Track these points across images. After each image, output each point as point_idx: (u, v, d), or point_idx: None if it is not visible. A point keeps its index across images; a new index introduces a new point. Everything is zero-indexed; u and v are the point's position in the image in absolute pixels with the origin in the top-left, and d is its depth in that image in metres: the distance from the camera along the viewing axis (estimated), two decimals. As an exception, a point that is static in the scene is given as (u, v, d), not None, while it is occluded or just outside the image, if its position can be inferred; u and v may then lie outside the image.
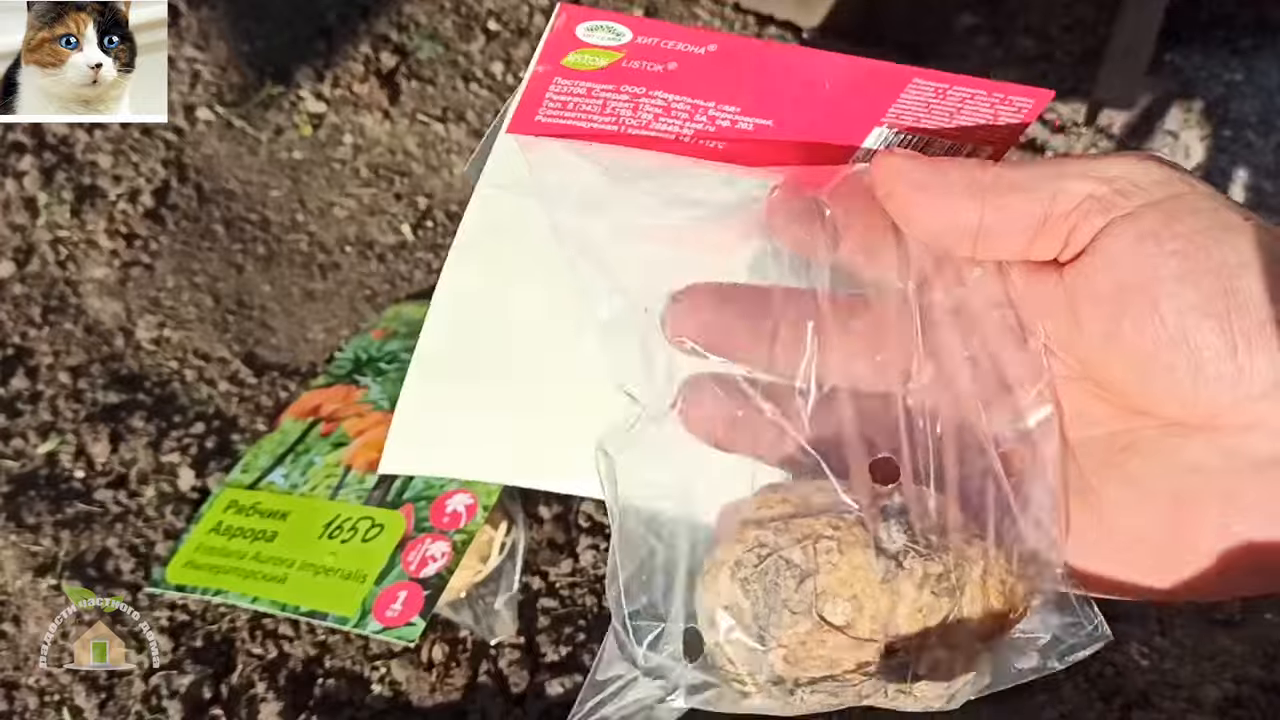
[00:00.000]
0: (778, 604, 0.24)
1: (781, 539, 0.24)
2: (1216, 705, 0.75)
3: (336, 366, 0.92)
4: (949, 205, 0.25)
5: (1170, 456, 0.25)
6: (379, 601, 0.67)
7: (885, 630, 0.24)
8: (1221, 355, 0.23)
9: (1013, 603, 0.25)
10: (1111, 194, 0.24)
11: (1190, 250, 0.23)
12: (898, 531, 0.24)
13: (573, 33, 0.25)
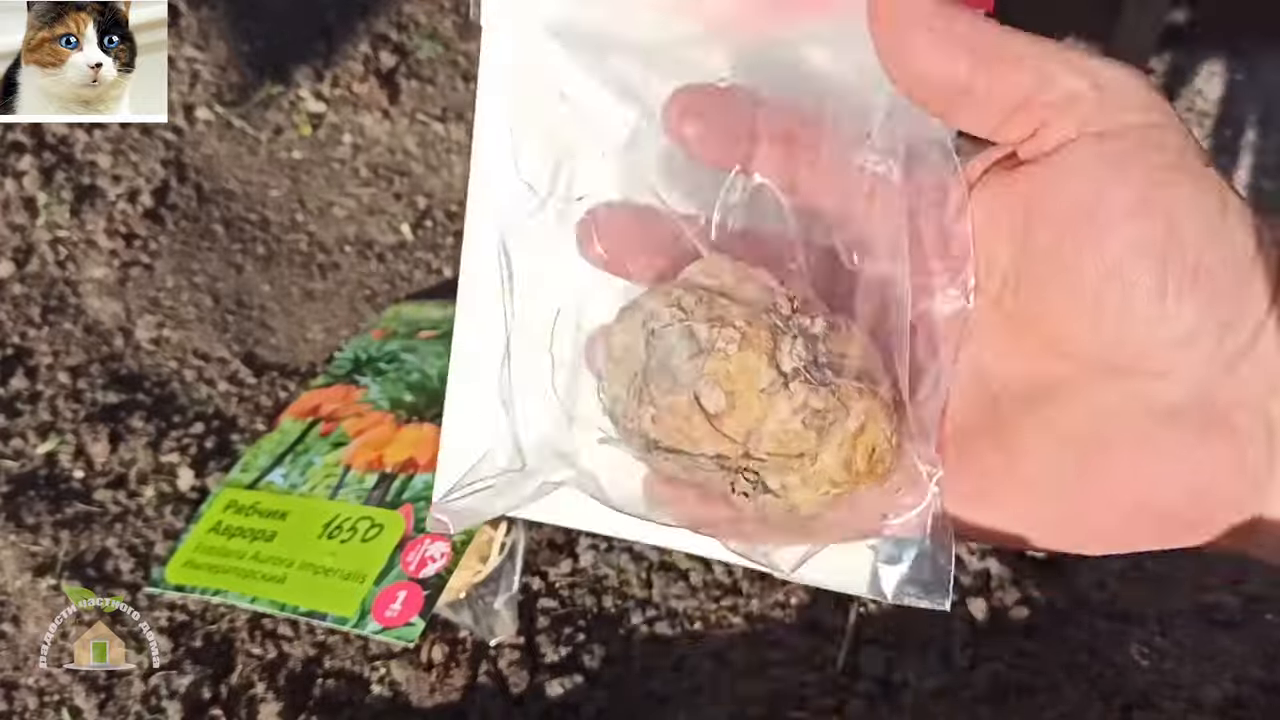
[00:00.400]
0: (668, 368, 0.25)
1: (698, 310, 0.25)
2: (1217, 706, 0.75)
3: (336, 366, 0.92)
4: (945, 55, 0.24)
5: (1086, 402, 0.25)
6: (378, 602, 0.67)
7: (748, 436, 0.25)
8: (1151, 295, 0.23)
9: (874, 468, 0.25)
10: (1094, 102, 0.24)
11: (1146, 185, 0.23)
12: (800, 352, 0.25)
13: None
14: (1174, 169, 0.23)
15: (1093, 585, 0.83)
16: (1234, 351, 0.24)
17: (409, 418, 0.82)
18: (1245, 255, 0.23)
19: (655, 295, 0.26)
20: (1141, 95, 0.24)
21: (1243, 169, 1.25)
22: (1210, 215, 0.23)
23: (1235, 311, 0.23)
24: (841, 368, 0.25)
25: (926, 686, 0.76)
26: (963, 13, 0.24)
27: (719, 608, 0.82)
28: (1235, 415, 0.24)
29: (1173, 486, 0.25)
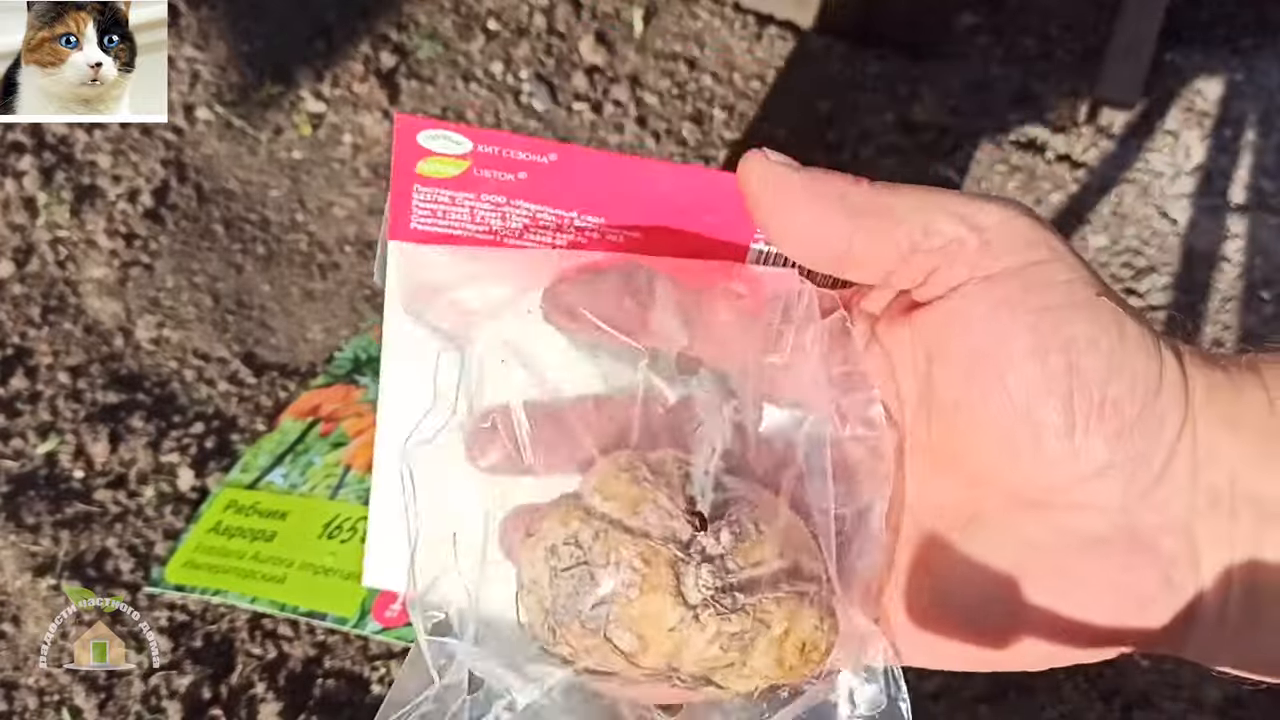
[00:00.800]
0: (574, 610, 0.24)
1: (596, 549, 0.24)
2: (1217, 706, 0.75)
3: (336, 366, 0.92)
4: (820, 223, 0.25)
5: (1009, 532, 0.25)
6: (378, 602, 0.67)
7: (669, 665, 0.25)
8: (1060, 433, 0.24)
9: (809, 658, 0.25)
10: (979, 245, 0.24)
11: (1040, 325, 0.24)
12: (706, 579, 0.24)
13: (414, 140, 0.26)
14: (1065, 305, 0.24)
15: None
16: (1147, 481, 0.24)
17: (409, 418, 0.82)
18: (1148, 384, 0.24)
19: (554, 522, 0.25)
20: (1026, 233, 0.24)
21: (1243, 169, 1.25)
22: (1108, 347, 0.24)
23: (1145, 443, 0.24)
24: (756, 581, 0.25)
25: (926, 686, 0.76)
26: (833, 180, 0.25)
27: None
28: (1159, 539, 0.24)
29: (1097, 614, 0.25)
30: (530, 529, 0.26)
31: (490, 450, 0.27)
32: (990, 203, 0.25)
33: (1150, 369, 0.24)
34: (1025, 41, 1.36)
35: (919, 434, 0.27)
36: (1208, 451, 0.24)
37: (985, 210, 0.24)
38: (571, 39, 1.27)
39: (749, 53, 1.27)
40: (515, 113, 1.20)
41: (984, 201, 0.25)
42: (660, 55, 1.26)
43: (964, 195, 0.25)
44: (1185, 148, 1.25)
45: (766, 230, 0.26)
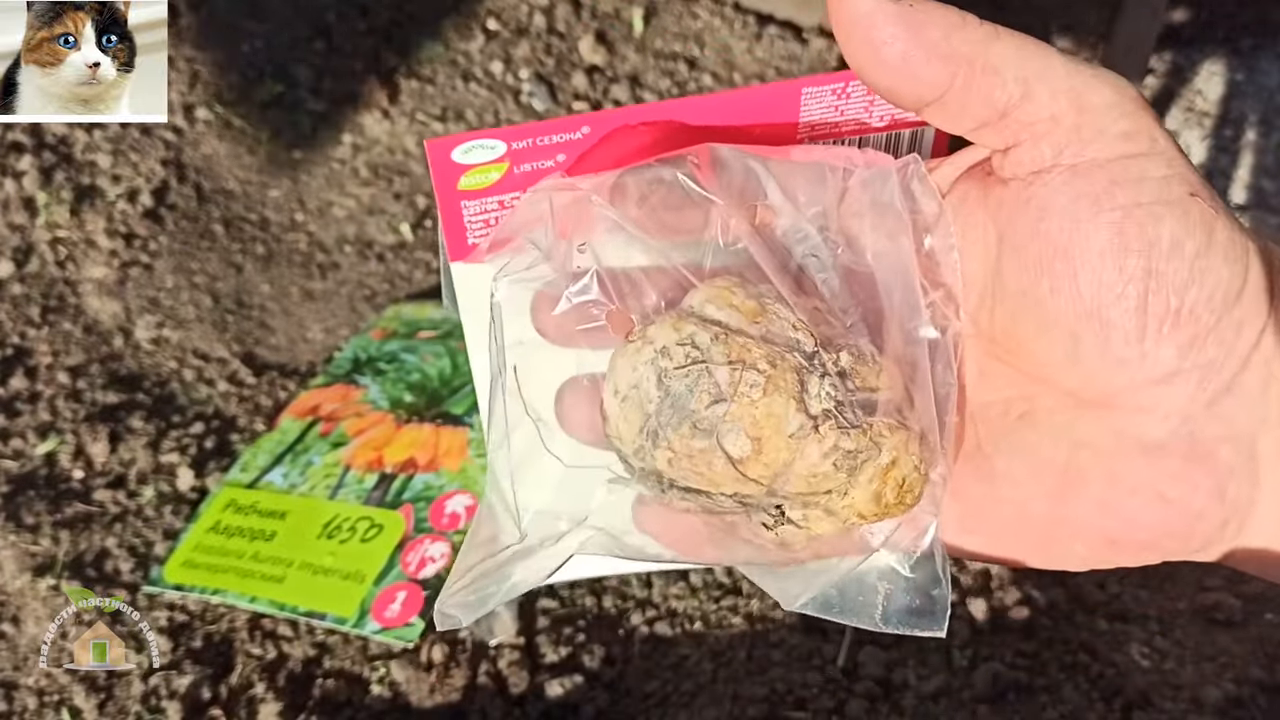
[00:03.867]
0: (685, 412, 0.23)
1: (716, 350, 0.23)
2: (1217, 706, 0.75)
3: (336, 366, 0.92)
4: (916, 63, 0.23)
5: (1062, 431, 0.25)
6: (378, 602, 0.67)
7: (774, 478, 0.24)
8: (1130, 338, 0.23)
9: (903, 499, 0.25)
10: (1074, 126, 0.23)
11: (1124, 224, 0.22)
12: (829, 393, 0.24)
13: (449, 159, 0.26)
14: (1154, 203, 0.23)
15: (1093, 585, 0.83)
16: (1216, 389, 0.23)
17: (409, 418, 0.82)
18: (1230, 293, 0.23)
19: (663, 329, 0.24)
20: (1123, 122, 0.23)
21: (1243, 169, 1.25)
22: (1192, 253, 0.22)
23: (1217, 351, 0.23)
24: (872, 404, 0.24)
25: (926, 686, 0.76)
26: (936, 18, 0.23)
27: (719, 608, 0.82)
28: (1219, 450, 0.24)
29: (1143, 521, 0.24)
30: (633, 336, 0.25)
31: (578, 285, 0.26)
32: (1103, 81, 0.23)
33: (1234, 276, 0.23)
34: (1025, 41, 1.36)
35: (981, 320, 0.26)
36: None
37: (1094, 88, 0.23)
38: (571, 39, 1.27)
39: (749, 53, 1.27)
40: (515, 112, 1.20)
41: (1095, 77, 0.23)
42: (660, 55, 1.26)
43: (1076, 65, 0.23)
44: (1186, 147, 1.25)
45: (855, 62, 0.23)
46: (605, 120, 0.26)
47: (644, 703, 0.76)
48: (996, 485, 0.26)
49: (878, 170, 0.26)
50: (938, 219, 0.25)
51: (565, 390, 0.27)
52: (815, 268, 0.26)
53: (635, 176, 0.26)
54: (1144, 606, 0.82)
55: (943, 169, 0.26)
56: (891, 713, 0.74)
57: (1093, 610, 0.82)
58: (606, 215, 0.26)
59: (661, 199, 0.26)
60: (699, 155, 0.26)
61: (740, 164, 0.26)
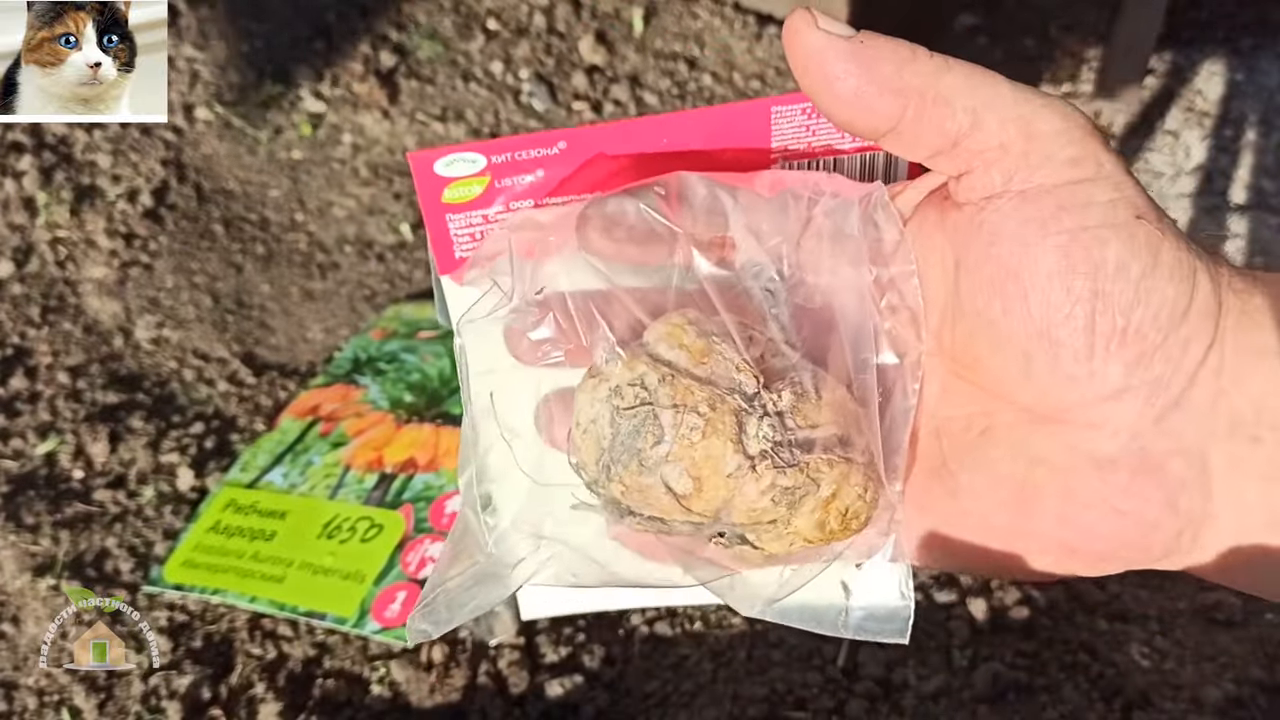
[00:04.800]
0: (633, 449, 0.25)
1: (662, 392, 0.25)
2: (1217, 706, 0.75)
3: (335, 366, 0.92)
4: (870, 97, 0.24)
5: (1020, 447, 0.25)
6: (377, 602, 0.67)
7: (717, 511, 0.25)
8: (1079, 357, 0.24)
9: (848, 525, 0.26)
10: (1022, 153, 0.24)
11: (1071, 247, 0.23)
12: (767, 432, 0.25)
13: (432, 171, 0.27)
14: (1100, 227, 0.23)
15: (1093, 585, 0.83)
16: (1165, 405, 0.24)
17: (409, 418, 0.82)
18: (1175, 312, 0.23)
19: (618, 367, 0.26)
20: (1070, 148, 0.24)
21: (1243, 169, 1.24)
22: (1137, 274, 0.23)
23: (1164, 368, 0.24)
24: (812, 442, 0.25)
25: (926, 686, 0.76)
26: (887, 53, 0.24)
27: (719, 609, 0.82)
28: (1169, 463, 0.24)
29: (1100, 533, 0.25)
30: (592, 372, 0.26)
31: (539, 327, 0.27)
32: (1051, 109, 0.24)
33: (1179, 296, 0.23)
34: (1025, 42, 1.36)
35: (943, 338, 0.26)
36: (1233, 377, 0.24)
37: (1042, 116, 0.24)
38: (571, 39, 1.27)
39: (749, 53, 1.27)
40: (515, 112, 1.20)
41: (1044, 106, 0.24)
42: (660, 55, 1.26)
43: (1024, 93, 0.24)
44: (1185, 148, 1.25)
45: (812, 96, 0.24)
46: (581, 137, 0.27)
47: (644, 703, 0.76)
48: (960, 499, 0.27)
49: (841, 201, 0.27)
50: (898, 246, 0.26)
51: (547, 404, 0.28)
52: (769, 303, 0.27)
53: (599, 208, 0.27)
54: (1144, 606, 0.82)
55: (907, 193, 0.27)
56: (891, 713, 0.74)
57: (1093, 610, 0.82)
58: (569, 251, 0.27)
59: (626, 231, 0.27)
60: (668, 183, 0.27)
61: (707, 193, 0.27)
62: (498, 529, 0.28)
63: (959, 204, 0.25)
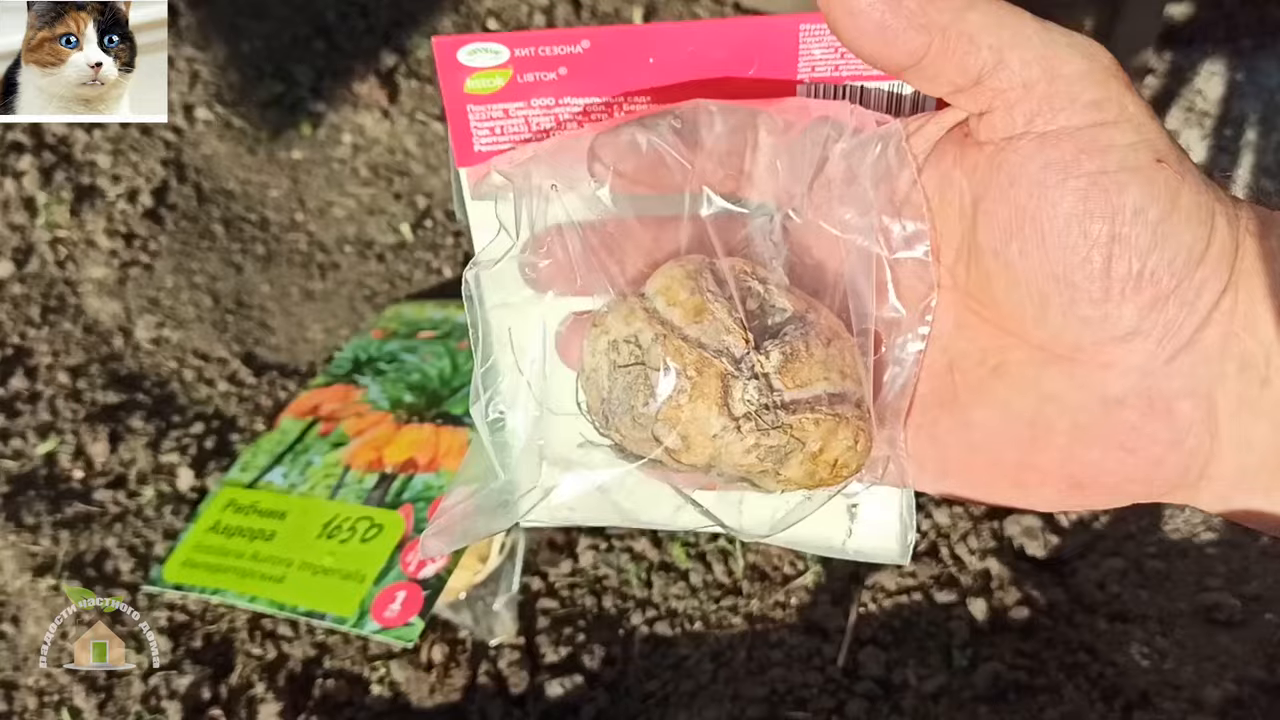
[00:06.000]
0: (627, 404, 0.26)
1: (654, 352, 0.26)
2: (1217, 706, 0.75)
3: (336, 366, 0.92)
4: (895, 31, 0.24)
5: (1032, 384, 0.26)
6: (377, 602, 0.67)
7: (707, 464, 0.26)
8: (1094, 299, 0.24)
9: (839, 473, 0.27)
10: (1045, 95, 0.24)
11: (1090, 191, 0.23)
12: (752, 395, 0.26)
13: (454, 58, 0.27)
14: (1119, 171, 0.23)
15: (1093, 585, 0.83)
16: (1176, 346, 0.24)
17: (409, 418, 0.82)
18: (1192, 256, 0.24)
19: (618, 317, 0.27)
20: (1094, 90, 0.23)
21: (1243, 169, 1.24)
22: (1155, 218, 0.23)
23: (1178, 312, 0.24)
24: (799, 401, 0.26)
25: (926, 686, 0.76)
26: None
27: (719, 608, 0.82)
28: (1177, 404, 0.25)
29: (1106, 469, 0.26)
30: (596, 320, 0.27)
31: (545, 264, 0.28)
32: (1075, 49, 0.24)
33: (1196, 241, 0.24)
34: (1025, 41, 1.36)
35: (958, 274, 0.27)
36: (1245, 321, 0.24)
37: (1066, 57, 0.24)
38: (571, 39, 1.27)
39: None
40: (515, 113, 1.20)
41: (1068, 45, 0.24)
42: (660, 55, 1.26)
43: (1050, 32, 0.24)
44: (1186, 147, 1.25)
45: (835, 29, 0.24)
46: (605, 37, 0.27)
47: (644, 703, 0.76)
48: (971, 431, 0.27)
49: (858, 140, 0.27)
50: (910, 193, 0.26)
51: (564, 327, 0.29)
52: (771, 250, 0.28)
53: (611, 140, 0.27)
54: (1144, 606, 0.82)
55: (928, 127, 0.27)
56: (891, 713, 0.74)
57: (1093, 610, 0.82)
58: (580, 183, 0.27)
59: (638, 164, 0.27)
60: (684, 113, 0.27)
61: (724, 126, 0.27)
62: (509, 451, 0.29)
63: (979, 142, 0.25)
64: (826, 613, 0.81)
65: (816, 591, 0.82)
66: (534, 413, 0.29)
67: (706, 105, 0.27)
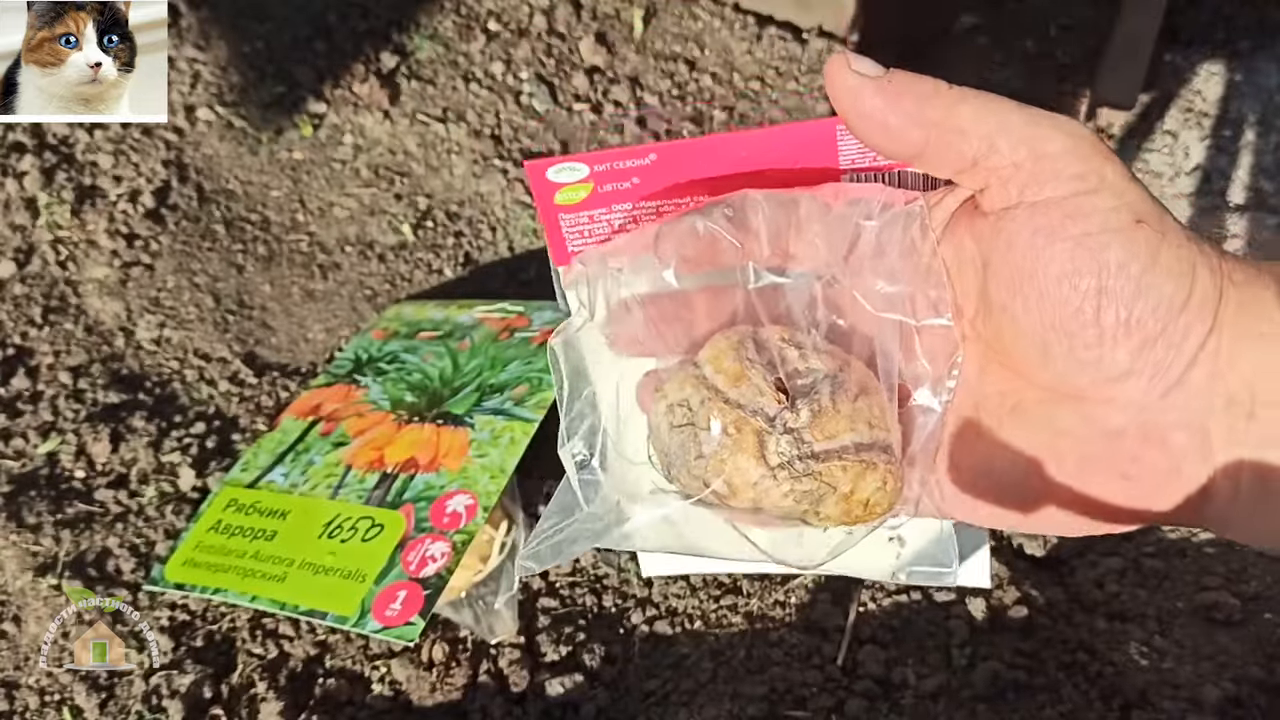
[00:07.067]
0: (683, 459, 0.31)
1: (701, 414, 0.30)
2: (1216, 705, 0.75)
3: (336, 366, 0.93)
4: (896, 129, 0.28)
5: (1045, 421, 0.29)
6: (378, 601, 0.67)
7: (753, 507, 0.30)
8: (1088, 345, 0.27)
9: (872, 511, 0.30)
10: (1032, 172, 0.27)
11: (1076, 251, 0.27)
12: (785, 448, 0.30)
13: (545, 177, 0.31)
14: (1101, 232, 0.27)
15: (1092, 585, 0.83)
16: (1167, 384, 0.27)
17: (410, 418, 0.82)
18: (1174, 304, 0.27)
19: (675, 385, 0.32)
20: (1076, 165, 0.27)
21: (1242, 169, 1.25)
22: (1138, 271, 0.26)
23: (1166, 353, 0.27)
24: (829, 451, 0.30)
25: (925, 685, 0.76)
26: (910, 89, 0.28)
27: (719, 607, 0.82)
28: (1171, 435, 0.28)
29: (1112, 496, 0.29)
30: (658, 386, 0.32)
31: (619, 331, 0.33)
32: (1057, 129, 0.27)
33: (1178, 290, 0.27)
34: (1025, 42, 1.36)
35: (978, 326, 0.31)
36: (1229, 361, 0.27)
37: (1050, 137, 0.27)
38: (571, 39, 1.27)
39: (749, 53, 1.27)
40: (516, 113, 1.20)
41: (1051, 127, 0.27)
42: (660, 56, 1.26)
43: (1034, 116, 0.27)
44: (1185, 148, 1.26)
45: (850, 128, 0.29)
46: (669, 150, 0.31)
47: (644, 701, 0.77)
48: (994, 466, 0.31)
49: (887, 217, 0.31)
50: (931, 263, 0.31)
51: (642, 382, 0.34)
52: (809, 317, 0.32)
53: (673, 227, 0.31)
54: (1143, 606, 0.82)
55: (946, 200, 0.31)
56: (891, 711, 0.75)
57: (1092, 609, 0.82)
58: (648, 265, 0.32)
59: (696, 245, 0.31)
60: (734, 201, 0.31)
61: (769, 210, 0.31)
62: (593, 488, 0.34)
63: (984, 213, 0.29)
64: (826, 612, 0.81)
65: (816, 591, 0.83)
66: (612, 459, 0.34)
67: (754, 194, 0.31)
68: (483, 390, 0.83)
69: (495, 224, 1.10)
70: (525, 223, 1.10)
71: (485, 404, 0.81)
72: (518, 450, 0.75)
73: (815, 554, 0.33)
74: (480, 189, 1.13)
